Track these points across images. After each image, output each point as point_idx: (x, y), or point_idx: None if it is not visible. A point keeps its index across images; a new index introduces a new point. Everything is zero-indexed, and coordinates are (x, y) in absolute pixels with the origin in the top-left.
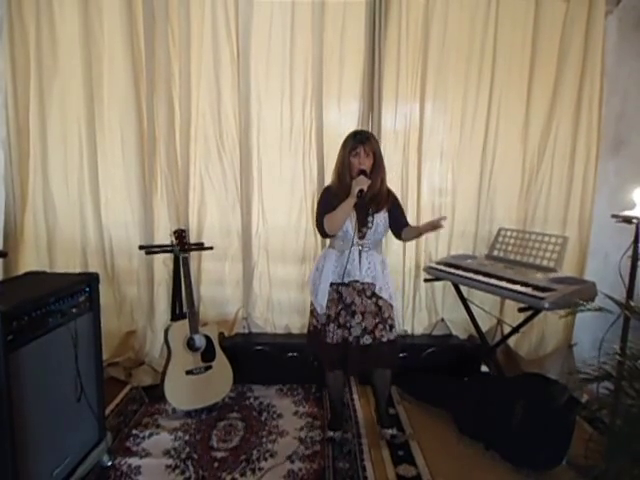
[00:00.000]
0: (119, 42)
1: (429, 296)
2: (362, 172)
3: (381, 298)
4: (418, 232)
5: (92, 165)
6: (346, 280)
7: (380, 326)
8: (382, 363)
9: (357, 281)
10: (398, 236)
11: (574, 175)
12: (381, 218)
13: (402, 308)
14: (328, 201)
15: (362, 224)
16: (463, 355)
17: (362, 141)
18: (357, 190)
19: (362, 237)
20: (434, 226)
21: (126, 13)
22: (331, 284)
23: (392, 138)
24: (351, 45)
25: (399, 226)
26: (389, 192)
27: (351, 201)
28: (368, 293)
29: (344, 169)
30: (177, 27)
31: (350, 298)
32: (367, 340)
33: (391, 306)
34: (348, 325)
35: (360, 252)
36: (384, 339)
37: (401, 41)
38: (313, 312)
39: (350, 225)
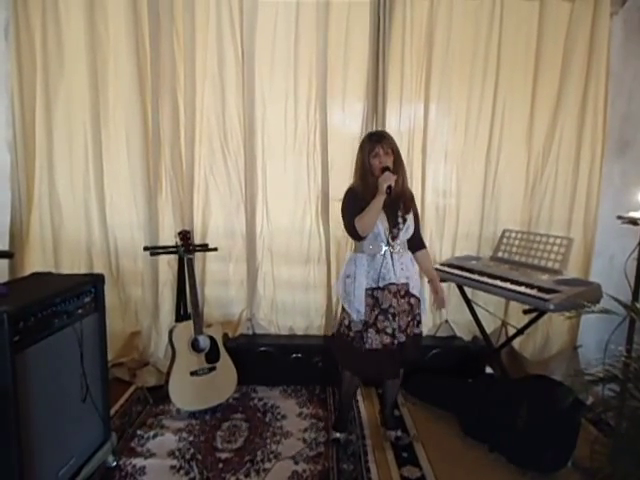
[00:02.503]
0: (124, 44)
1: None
2: (386, 169)
3: (413, 296)
4: (429, 280)
5: (97, 166)
6: (381, 284)
7: (411, 323)
8: (408, 357)
9: (393, 284)
10: (409, 247)
11: (579, 176)
12: (410, 219)
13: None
14: (356, 203)
15: (393, 225)
16: (467, 356)
17: (379, 140)
18: (385, 186)
19: (394, 238)
20: (435, 291)
21: (131, 15)
22: (365, 289)
23: (396, 139)
24: (355, 46)
25: (413, 240)
26: (411, 193)
27: (380, 198)
28: (402, 293)
29: (365, 171)
30: (182, 29)
31: (387, 302)
32: (401, 338)
33: (419, 301)
34: (389, 330)
35: (392, 254)
36: (411, 333)
37: (405, 42)
38: (344, 319)
39: (382, 227)
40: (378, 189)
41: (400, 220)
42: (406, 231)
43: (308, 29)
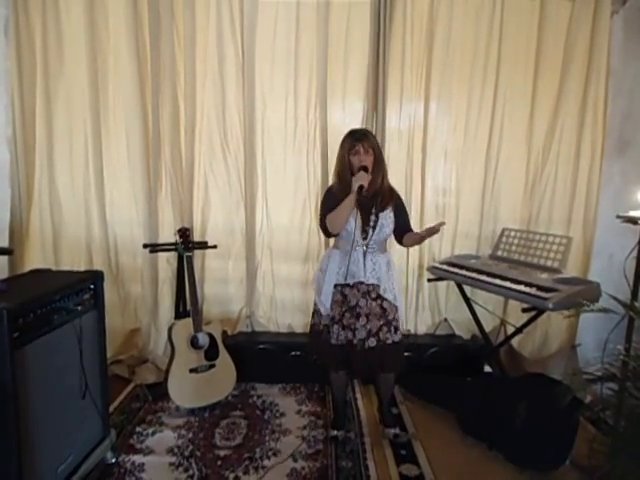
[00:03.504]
0: (124, 42)
1: (432, 296)
2: (363, 168)
3: (386, 300)
4: (419, 237)
5: (97, 164)
6: (350, 281)
7: (385, 328)
8: (387, 366)
9: (362, 282)
10: (399, 241)
11: (579, 175)
12: (386, 217)
13: (405, 308)
14: (330, 200)
15: (366, 224)
16: (466, 355)
17: (360, 139)
18: (357, 186)
19: (365, 237)
20: (433, 231)
21: (132, 13)
22: (335, 285)
23: (396, 138)
24: (356, 45)
25: (402, 231)
26: (392, 190)
27: (352, 197)
28: (373, 295)
29: (344, 168)
30: (182, 27)
31: (355, 300)
32: (372, 342)
33: (396, 307)
34: (352, 327)
35: (365, 253)
36: (389, 341)
37: (406, 41)
38: (316, 312)
39: (353, 225)
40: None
41: (374, 218)
42: (380, 230)
43: (308, 28)
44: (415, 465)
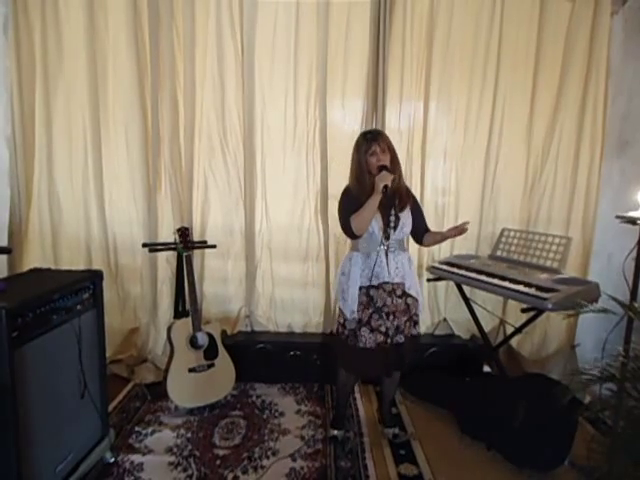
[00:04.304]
0: (124, 41)
1: (432, 296)
2: (383, 167)
3: (410, 296)
4: (442, 237)
5: (97, 163)
6: (375, 282)
7: (408, 323)
8: (404, 358)
9: (387, 282)
10: (419, 241)
11: (578, 175)
12: (406, 217)
13: None
14: (351, 203)
15: (387, 224)
16: (465, 355)
17: (375, 138)
18: (382, 186)
19: (387, 237)
20: (460, 231)
21: (131, 12)
22: (360, 287)
23: (396, 137)
24: (356, 44)
25: (421, 231)
26: (408, 190)
27: (377, 197)
28: (398, 293)
29: (362, 170)
30: (182, 26)
31: (381, 300)
32: (400, 339)
33: (417, 302)
34: (383, 329)
35: (387, 253)
36: (409, 335)
37: (406, 40)
38: (340, 317)
39: (376, 226)
40: (374, 188)
41: (394, 219)
42: (401, 230)
43: (308, 27)
44: (414, 465)
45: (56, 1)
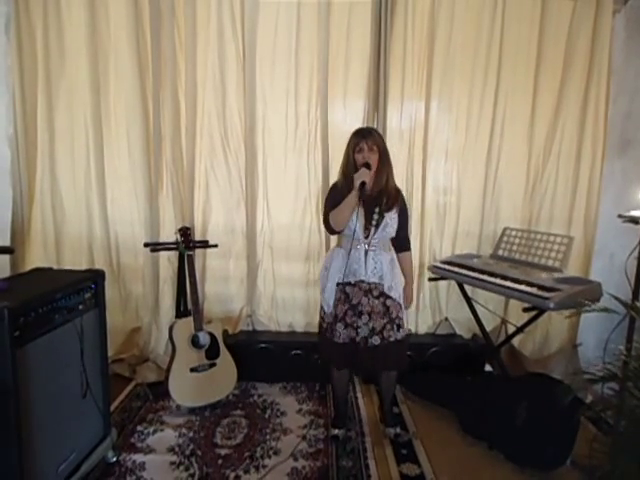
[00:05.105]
0: (125, 40)
1: (433, 295)
2: (365, 165)
3: (389, 298)
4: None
5: (99, 162)
6: (352, 280)
7: (388, 326)
8: (390, 364)
9: (363, 281)
10: (395, 248)
11: (580, 175)
12: (392, 218)
13: None
14: (335, 197)
15: (368, 222)
16: (467, 354)
17: (364, 136)
18: (359, 182)
19: (367, 236)
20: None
21: (133, 12)
22: (338, 283)
23: (397, 137)
24: (357, 44)
25: (398, 237)
26: (398, 191)
27: (354, 194)
28: (375, 293)
29: (349, 166)
30: (183, 26)
31: (357, 298)
32: (375, 341)
33: (400, 305)
34: (355, 325)
35: (366, 251)
36: (392, 339)
37: (407, 40)
38: (321, 310)
39: (356, 223)
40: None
41: (377, 217)
42: (383, 229)
43: (309, 27)
44: (416, 464)
45: (58, 1)
